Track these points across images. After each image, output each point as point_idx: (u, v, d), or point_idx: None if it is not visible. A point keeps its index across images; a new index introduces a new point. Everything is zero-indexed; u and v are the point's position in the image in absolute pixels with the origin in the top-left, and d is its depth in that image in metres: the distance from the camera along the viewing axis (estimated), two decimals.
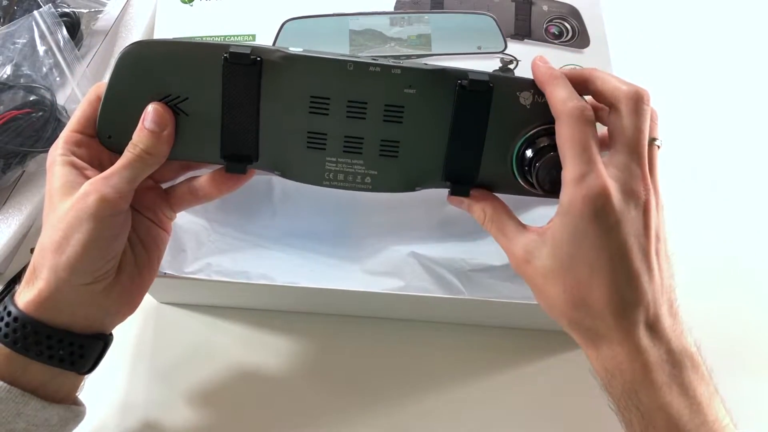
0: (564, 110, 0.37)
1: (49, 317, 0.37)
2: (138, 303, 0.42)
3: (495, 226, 0.40)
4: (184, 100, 0.39)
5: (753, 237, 0.63)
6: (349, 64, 0.39)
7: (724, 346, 0.57)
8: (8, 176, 0.60)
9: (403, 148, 0.40)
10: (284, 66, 0.39)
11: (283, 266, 0.50)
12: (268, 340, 0.57)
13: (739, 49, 0.75)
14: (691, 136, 0.69)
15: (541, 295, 0.39)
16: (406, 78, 0.39)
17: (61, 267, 0.36)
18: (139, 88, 0.39)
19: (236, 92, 0.39)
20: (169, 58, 0.39)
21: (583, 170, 0.35)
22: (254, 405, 0.54)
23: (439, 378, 0.55)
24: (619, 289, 0.35)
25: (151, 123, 0.39)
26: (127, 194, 0.38)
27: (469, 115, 0.39)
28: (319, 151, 0.40)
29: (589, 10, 0.63)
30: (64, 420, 0.39)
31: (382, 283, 0.54)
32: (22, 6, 0.66)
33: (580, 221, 0.35)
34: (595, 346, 0.37)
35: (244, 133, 0.40)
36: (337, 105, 0.39)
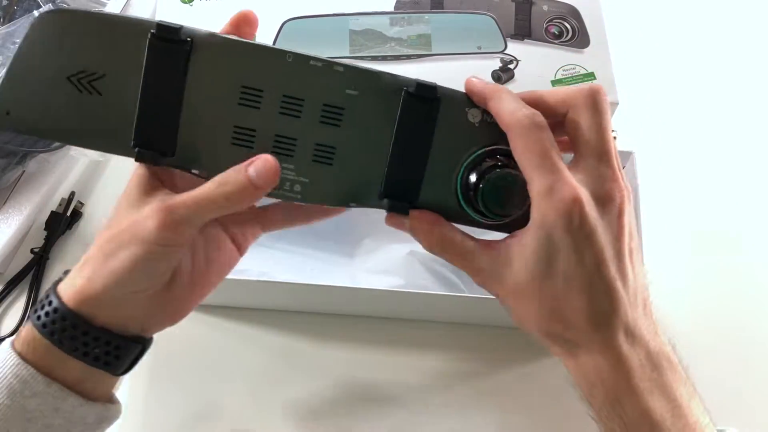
0: (513, 121, 0.34)
1: (89, 313, 0.36)
2: (183, 316, 0.39)
3: (445, 248, 0.37)
4: (100, 78, 0.35)
5: (752, 236, 0.63)
6: (288, 55, 0.35)
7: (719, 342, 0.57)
8: (8, 176, 0.61)
9: (338, 155, 0.36)
10: (217, 50, 0.35)
11: (283, 264, 0.50)
12: (268, 339, 0.57)
13: (739, 48, 0.75)
14: (691, 135, 0.69)
15: (512, 312, 0.37)
16: (349, 78, 0.35)
17: (104, 275, 0.35)
18: (50, 60, 0.35)
19: (159, 73, 0.35)
20: (89, 30, 0.35)
21: (549, 181, 0.34)
22: (254, 404, 0.54)
23: (439, 377, 0.55)
24: (596, 299, 0.35)
25: (256, 174, 0.34)
26: (190, 231, 0.35)
27: (414, 125, 0.36)
28: (245, 150, 0.36)
29: (589, 10, 0.63)
30: (100, 419, 0.38)
31: (382, 281, 0.54)
32: (22, 6, 0.66)
33: (554, 234, 0.34)
34: (573, 356, 0.36)
35: (163, 121, 0.35)
36: (271, 99, 0.35)
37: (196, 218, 0.34)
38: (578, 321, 0.35)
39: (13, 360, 0.36)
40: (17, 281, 0.59)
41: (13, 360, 0.36)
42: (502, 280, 0.36)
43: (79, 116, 0.36)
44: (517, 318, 0.37)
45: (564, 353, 0.37)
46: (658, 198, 0.63)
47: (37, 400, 0.35)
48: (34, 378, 0.36)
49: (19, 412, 0.35)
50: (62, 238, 0.61)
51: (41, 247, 0.60)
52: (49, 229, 0.61)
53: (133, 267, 0.35)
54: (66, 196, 0.62)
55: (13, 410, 0.35)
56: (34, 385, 0.35)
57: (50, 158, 0.62)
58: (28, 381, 0.35)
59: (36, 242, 0.60)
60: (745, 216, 0.64)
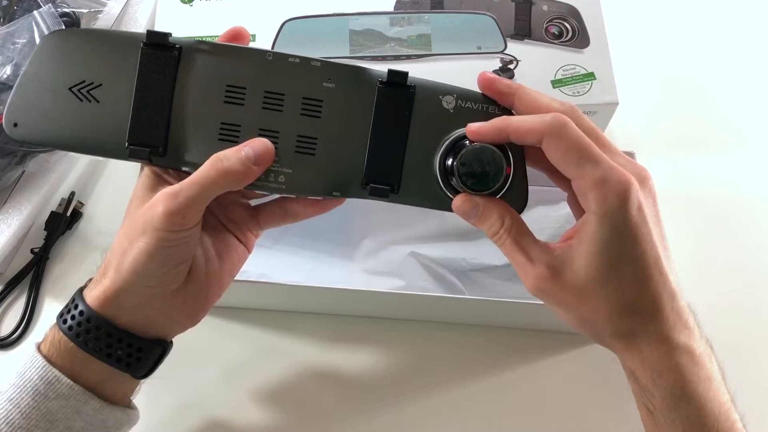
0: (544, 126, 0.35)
1: (112, 315, 0.37)
2: (201, 316, 0.41)
3: (513, 238, 0.36)
4: (97, 87, 0.38)
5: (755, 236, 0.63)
6: (268, 54, 0.38)
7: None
8: (8, 176, 0.60)
9: (320, 145, 0.38)
10: (203, 54, 0.38)
11: (283, 266, 0.50)
12: (267, 340, 0.57)
13: (740, 47, 0.75)
14: (691, 135, 0.69)
15: (573, 313, 0.36)
16: (326, 71, 0.38)
17: (124, 269, 0.37)
18: (54, 75, 0.38)
19: (151, 78, 0.38)
20: (88, 45, 0.38)
21: (601, 171, 0.34)
22: (253, 404, 0.54)
23: (439, 378, 0.55)
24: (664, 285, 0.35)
25: (253, 152, 0.37)
26: (193, 212, 0.36)
27: (390, 113, 0.38)
28: (232, 144, 0.38)
29: (589, 10, 0.63)
30: (119, 423, 0.39)
31: (382, 282, 0.54)
32: (22, 6, 0.66)
33: (620, 221, 0.34)
34: (638, 349, 0.35)
35: (154, 121, 0.38)
36: (254, 95, 0.38)
37: (198, 198, 0.36)
38: (650, 308, 0.35)
39: (39, 362, 0.37)
40: (17, 281, 0.59)
41: (39, 362, 0.37)
42: (563, 278, 0.35)
43: (80, 124, 0.39)
44: (577, 319, 0.37)
45: (625, 347, 0.36)
46: (659, 198, 0.63)
47: (60, 402, 0.36)
48: (59, 380, 0.37)
49: (44, 413, 0.36)
50: (62, 238, 0.61)
51: (41, 247, 0.60)
52: (49, 229, 0.61)
53: (150, 255, 0.36)
54: (66, 196, 0.62)
55: (37, 411, 0.36)
56: (58, 387, 0.36)
57: (50, 158, 0.62)
58: (53, 383, 0.36)
59: (36, 242, 0.60)
60: (746, 216, 0.64)
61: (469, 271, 0.54)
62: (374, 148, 0.38)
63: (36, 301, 0.58)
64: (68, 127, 0.39)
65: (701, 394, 0.35)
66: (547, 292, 0.36)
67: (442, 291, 0.54)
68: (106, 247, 0.61)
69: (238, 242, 0.42)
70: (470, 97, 0.39)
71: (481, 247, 0.54)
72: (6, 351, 0.56)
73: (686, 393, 0.35)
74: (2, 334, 0.57)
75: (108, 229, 0.62)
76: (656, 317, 0.35)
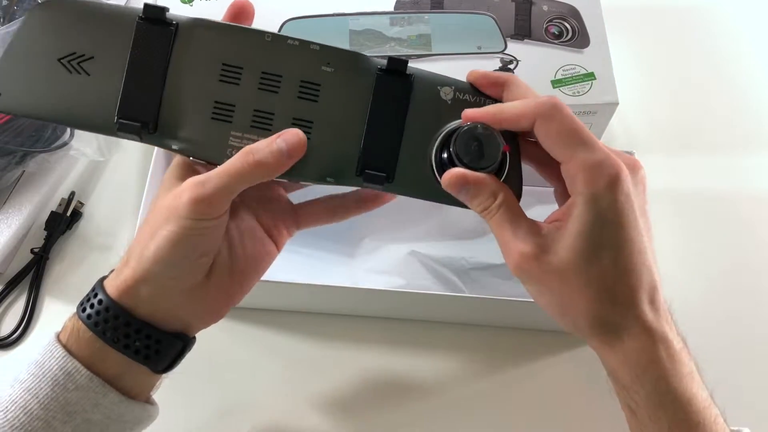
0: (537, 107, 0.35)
1: (132, 305, 0.37)
2: (223, 313, 0.40)
3: (504, 213, 0.36)
4: (89, 59, 0.37)
5: (755, 236, 0.63)
6: (267, 35, 0.37)
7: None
8: (8, 176, 0.61)
9: (316, 130, 0.38)
10: (200, 31, 0.37)
11: (283, 264, 0.50)
12: (267, 339, 0.57)
13: (740, 48, 0.75)
14: (691, 135, 0.69)
15: (554, 297, 0.36)
16: (325, 55, 0.37)
17: (146, 257, 0.36)
18: (43, 45, 0.37)
19: (144, 52, 0.37)
20: (80, 16, 0.37)
21: (598, 155, 0.34)
22: (251, 404, 0.54)
23: (439, 377, 0.55)
24: (644, 276, 0.34)
25: (286, 144, 0.36)
26: (221, 202, 0.36)
27: (388, 101, 0.38)
28: (225, 124, 0.37)
29: (589, 10, 0.63)
30: (137, 418, 0.39)
31: (382, 281, 0.54)
32: (22, 6, 0.66)
33: (605, 206, 0.33)
34: (619, 342, 0.35)
35: (146, 96, 0.37)
36: (250, 75, 0.37)
37: (226, 189, 0.35)
38: (629, 297, 0.34)
39: (59, 352, 0.36)
40: (17, 281, 0.59)
41: (59, 352, 0.36)
42: (547, 258, 0.35)
43: (68, 96, 0.37)
44: (556, 304, 0.36)
45: (606, 342, 0.35)
46: (658, 198, 0.63)
47: (79, 394, 0.36)
48: (78, 371, 0.36)
49: (62, 404, 0.36)
50: (62, 238, 0.61)
51: (41, 247, 0.60)
52: (49, 229, 0.60)
53: (171, 244, 0.35)
54: (66, 196, 0.62)
55: (56, 402, 0.36)
56: (77, 378, 0.36)
57: (50, 158, 0.62)
58: (72, 374, 0.36)
59: (36, 242, 0.60)
60: (746, 216, 0.64)
61: (470, 269, 0.54)
62: (371, 135, 0.38)
63: (36, 301, 0.58)
64: (55, 99, 0.37)
65: (685, 389, 0.34)
66: (529, 271, 0.35)
67: (442, 290, 0.54)
68: (107, 247, 0.62)
69: (269, 240, 0.41)
70: (468, 89, 0.39)
71: (482, 246, 0.54)
72: (6, 351, 0.56)
73: (671, 389, 0.34)
74: (2, 334, 0.57)
75: (108, 229, 0.62)
76: (637, 307, 0.34)
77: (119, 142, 0.66)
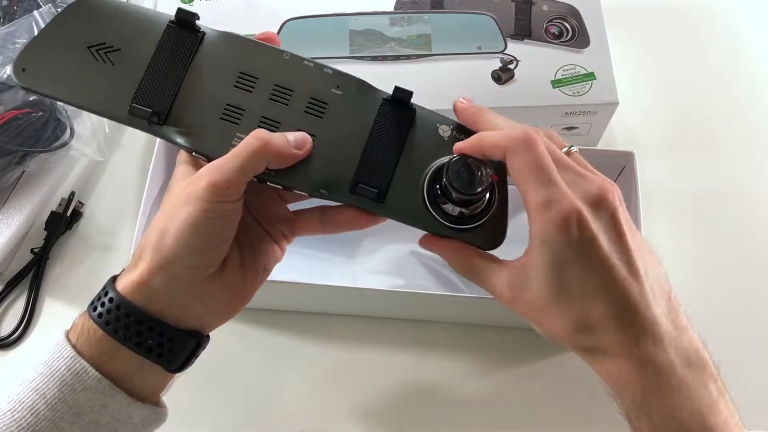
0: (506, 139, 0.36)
1: (144, 302, 0.36)
2: (237, 309, 0.40)
3: (471, 271, 0.40)
4: (116, 51, 0.40)
5: (755, 236, 0.63)
6: (285, 54, 0.40)
7: None
8: (8, 176, 0.61)
9: (317, 142, 0.39)
10: (225, 42, 0.40)
11: (283, 264, 0.50)
12: (267, 339, 0.57)
13: (739, 48, 0.75)
14: (691, 135, 0.69)
15: (539, 326, 0.38)
16: (336, 79, 0.40)
17: (165, 246, 0.36)
18: (76, 33, 0.40)
19: (169, 51, 0.40)
20: (116, 14, 0.40)
21: (546, 194, 0.35)
22: (250, 404, 0.54)
23: (439, 377, 0.55)
24: (614, 303, 0.35)
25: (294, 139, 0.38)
26: (237, 183, 0.36)
27: (389, 127, 0.40)
28: (231, 125, 0.39)
29: (589, 10, 0.63)
30: (146, 420, 0.38)
31: (383, 281, 0.54)
32: (22, 6, 0.66)
33: (558, 248, 0.35)
34: (599, 362, 0.36)
35: (162, 89, 0.40)
36: (264, 85, 0.40)
37: (241, 169, 0.36)
38: (602, 326, 0.35)
39: (67, 352, 0.36)
40: (17, 281, 0.59)
41: (67, 352, 0.36)
42: (523, 297, 0.37)
43: (89, 81, 0.40)
44: (544, 332, 0.38)
45: (591, 359, 0.37)
46: (658, 198, 0.64)
47: (87, 395, 0.36)
48: (86, 372, 0.36)
49: (70, 405, 0.35)
50: (62, 238, 0.61)
51: (41, 247, 0.60)
52: (49, 229, 0.61)
53: (192, 227, 0.35)
54: (66, 196, 0.62)
55: (64, 403, 0.35)
56: (85, 378, 0.36)
57: (50, 158, 0.62)
58: (80, 374, 0.36)
59: (36, 242, 0.60)
60: (746, 216, 0.64)
61: None
62: (368, 155, 0.40)
63: (36, 301, 0.58)
64: (76, 82, 0.40)
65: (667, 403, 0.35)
66: (515, 308, 0.38)
67: (442, 290, 0.54)
68: (107, 247, 0.62)
69: (272, 241, 0.42)
70: (466, 131, 0.41)
71: None
72: (6, 351, 0.57)
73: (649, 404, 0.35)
74: (2, 334, 0.57)
75: (108, 229, 0.62)
76: (611, 333, 0.35)
77: (119, 142, 0.66)
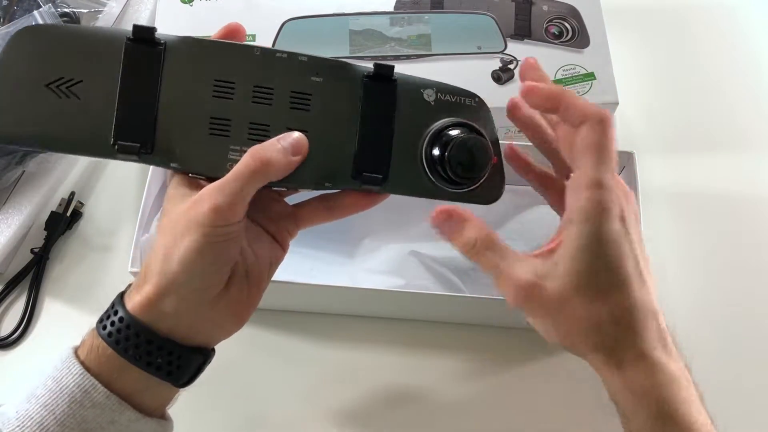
0: (591, 112, 0.36)
1: (154, 321, 0.37)
2: (244, 320, 0.40)
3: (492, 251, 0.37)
4: (77, 83, 0.37)
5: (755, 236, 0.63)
6: (255, 49, 0.38)
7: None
8: (8, 176, 0.61)
9: (310, 137, 0.39)
10: (189, 49, 0.38)
11: (283, 264, 0.50)
12: (266, 339, 0.57)
13: (739, 48, 0.75)
14: (691, 135, 0.69)
15: (555, 323, 0.36)
16: (312, 65, 0.39)
17: (170, 271, 0.36)
18: (28, 71, 0.37)
19: (136, 73, 0.37)
20: (64, 40, 0.37)
21: (603, 175, 0.35)
22: (249, 403, 0.54)
23: (439, 377, 0.55)
24: (643, 296, 0.35)
25: (289, 144, 0.37)
26: (240, 206, 0.36)
27: (377, 106, 0.39)
28: (223, 138, 0.38)
29: (589, 10, 0.64)
30: None
31: (382, 281, 0.54)
32: (22, 6, 0.66)
33: (597, 229, 0.34)
34: (619, 369, 0.35)
35: (140, 118, 0.37)
36: (243, 89, 0.38)
37: (243, 191, 0.36)
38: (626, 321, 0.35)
39: (76, 369, 0.36)
40: (17, 281, 0.59)
41: (76, 369, 0.36)
42: (546, 285, 0.35)
43: (60, 122, 0.37)
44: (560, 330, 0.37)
45: (609, 364, 0.36)
46: (658, 198, 0.64)
47: (95, 411, 0.36)
48: (95, 388, 0.36)
49: (78, 421, 0.36)
50: (62, 238, 0.61)
51: (41, 247, 0.60)
52: (49, 229, 0.61)
53: (197, 253, 0.35)
54: (66, 196, 0.62)
55: (72, 419, 0.36)
56: (94, 395, 0.36)
57: (50, 158, 0.62)
58: (89, 391, 0.36)
59: (36, 242, 0.60)
60: (746, 216, 0.64)
61: (470, 269, 0.54)
62: (363, 139, 0.39)
63: (36, 301, 0.58)
64: (47, 125, 0.37)
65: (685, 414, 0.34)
66: (530, 301, 0.36)
67: (442, 290, 0.54)
68: (106, 247, 0.62)
69: (274, 242, 0.42)
70: (449, 90, 0.40)
71: None
72: (6, 351, 0.57)
73: (669, 414, 0.35)
74: (2, 334, 0.57)
75: (108, 229, 0.62)
76: (636, 331, 0.35)
77: None
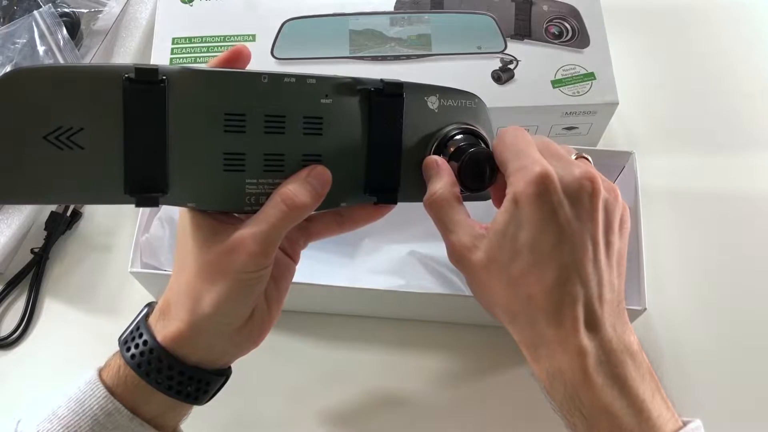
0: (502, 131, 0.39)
1: (185, 354, 0.37)
2: (263, 337, 0.41)
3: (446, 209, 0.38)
4: (78, 132, 0.34)
5: (754, 236, 0.64)
6: (263, 76, 0.36)
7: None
8: None
9: (325, 161, 0.38)
10: (192, 82, 0.35)
11: None
12: (266, 339, 0.57)
13: (740, 48, 0.75)
14: (691, 135, 0.69)
15: (482, 290, 0.37)
16: (322, 87, 0.38)
17: (202, 313, 0.37)
18: (22, 123, 0.33)
19: (140, 116, 0.34)
20: (58, 84, 0.33)
21: (524, 162, 0.36)
22: (248, 403, 0.54)
23: (439, 377, 0.55)
24: (562, 279, 0.34)
25: (316, 181, 0.37)
26: (273, 248, 0.37)
27: (385, 121, 0.39)
28: (238, 173, 0.37)
29: (589, 10, 0.63)
30: None
31: (382, 281, 0.54)
32: (22, 6, 0.66)
33: (524, 205, 0.35)
34: (534, 347, 0.36)
35: (151, 162, 0.35)
36: (254, 121, 0.36)
37: (277, 237, 0.36)
38: (541, 303, 0.35)
39: (100, 392, 0.37)
40: (17, 281, 0.59)
41: (100, 392, 0.37)
42: (477, 252, 0.36)
43: (66, 174, 0.34)
44: (485, 298, 0.38)
45: (526, 343, 0.36)
46: (658, 198, 0.64)
47: None
48: (119, 411, 0.37)
49: None
50: (62, 238, 0.61)
51: (41, 247, 0.60)
52: (49, 229, 0.61)
53: (230, 297, 0.36)
54: None
55: None
56: (117, 418, 0.37)
57: None
58: (113, 414, 0.36)
59: (36, 242, 0.60)
60: (746, 215, 0.64)
61: None
62: (373, 156, 0.39)
63: (36, 301, 0.58)
64: (52, 181, 0.34)
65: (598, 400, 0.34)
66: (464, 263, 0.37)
67: (441, 289, 0.54)
68: (107, 247, 0.62)
69: (286, 257, 0.42)
70: (450, 95, 0.41)
71: None
72: (6, 351, 0.57)
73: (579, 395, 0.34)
74: (2, 334, 0.57)
75: (108, 229, 0.62)
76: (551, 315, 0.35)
77: None
